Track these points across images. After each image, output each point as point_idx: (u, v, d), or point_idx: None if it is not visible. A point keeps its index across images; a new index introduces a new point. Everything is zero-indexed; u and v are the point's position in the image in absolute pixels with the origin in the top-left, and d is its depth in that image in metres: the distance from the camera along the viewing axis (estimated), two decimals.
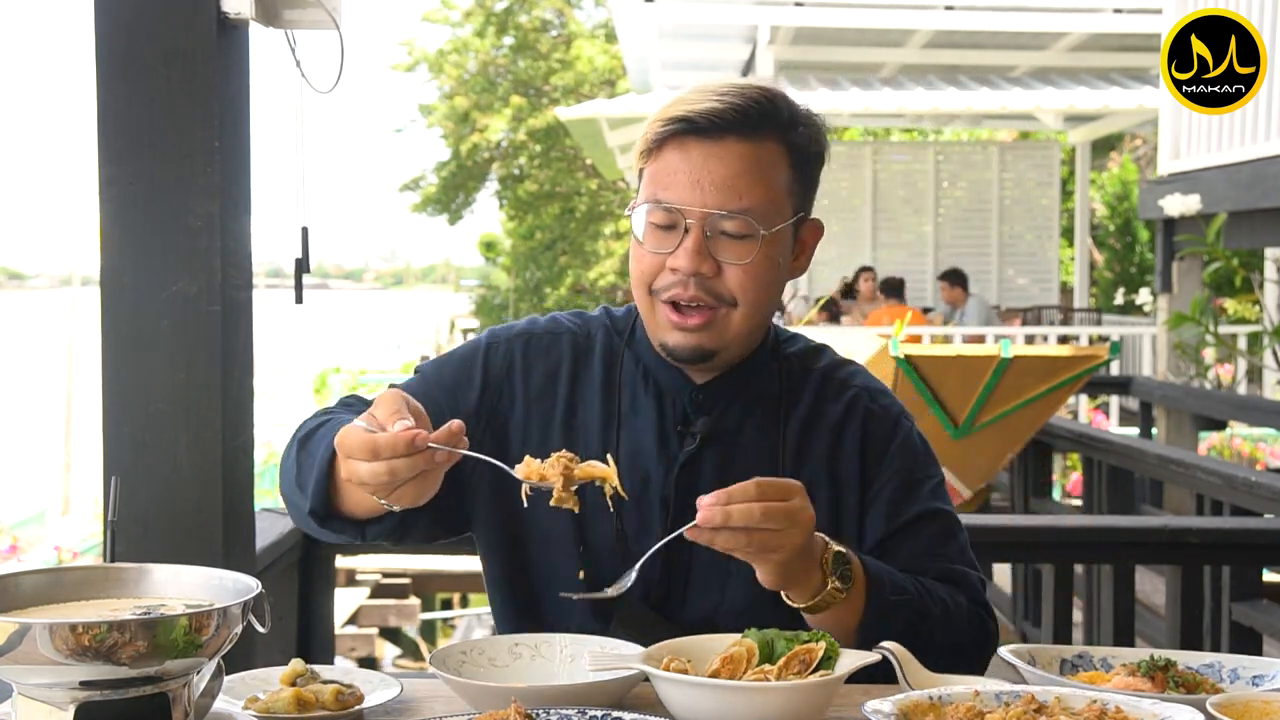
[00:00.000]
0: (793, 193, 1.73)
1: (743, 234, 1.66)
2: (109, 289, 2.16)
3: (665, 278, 1.68)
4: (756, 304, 1.70)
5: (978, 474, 6.16)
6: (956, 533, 1.77)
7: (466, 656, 1.56)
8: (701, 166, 1.65)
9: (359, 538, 1.64)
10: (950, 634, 1.63)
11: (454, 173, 28.01)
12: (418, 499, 1.47)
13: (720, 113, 1.66)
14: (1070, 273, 17.70)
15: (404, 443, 1.38)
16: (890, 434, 1.77)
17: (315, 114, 2.75)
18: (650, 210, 1.68)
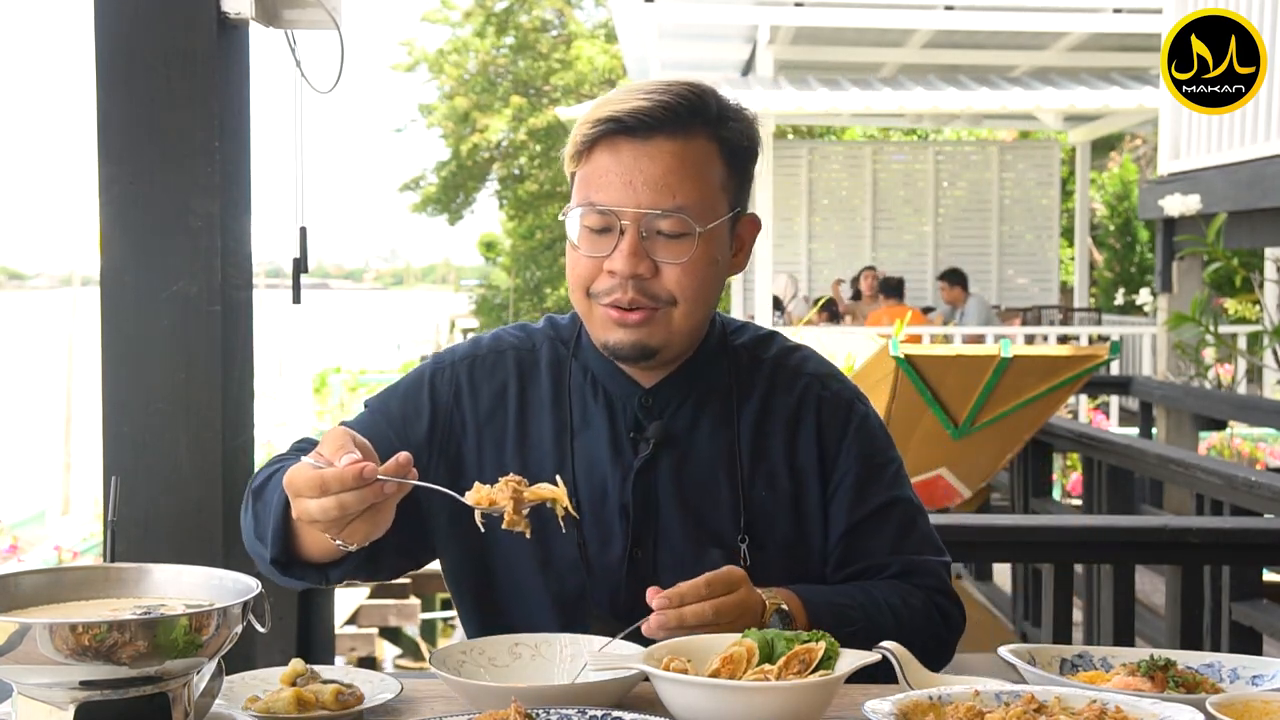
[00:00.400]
0: (727, 189, 1.71)
1: (679, 233, 1.65)
2: (109, 289, 2.16)
3: (603, 281, 1.67)
4: (696, 301, 1.68)
5: (978, 474, 6.16)
6: (918, 519, 1.78)
7: (466, 656, 1.56)
8: (633, 166, 1.64)
9: (323, 582, 1.64)
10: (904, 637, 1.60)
11: (454, 173, 28.00)
12: (370, 535, 1.46)
13: (649, 111, 1.64)
14: (1070, 273, 17.70)
15: (351, 476, 1.37)
16: (845, 420, 1.77)
17: (315, 114, 2.75)
18: (584, 213, 1.67)
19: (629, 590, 1.69)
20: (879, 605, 1.67)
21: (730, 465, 1.72)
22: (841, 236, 15.00)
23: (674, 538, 1.71)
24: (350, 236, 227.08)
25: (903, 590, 1.71)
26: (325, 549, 1.55)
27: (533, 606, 1.71)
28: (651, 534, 1.71)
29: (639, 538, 1.70)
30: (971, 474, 6.09)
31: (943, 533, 2.55)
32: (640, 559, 1.70)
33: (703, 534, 1.70)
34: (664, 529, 1.71)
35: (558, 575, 1.71)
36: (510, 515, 1.46)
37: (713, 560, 1.66)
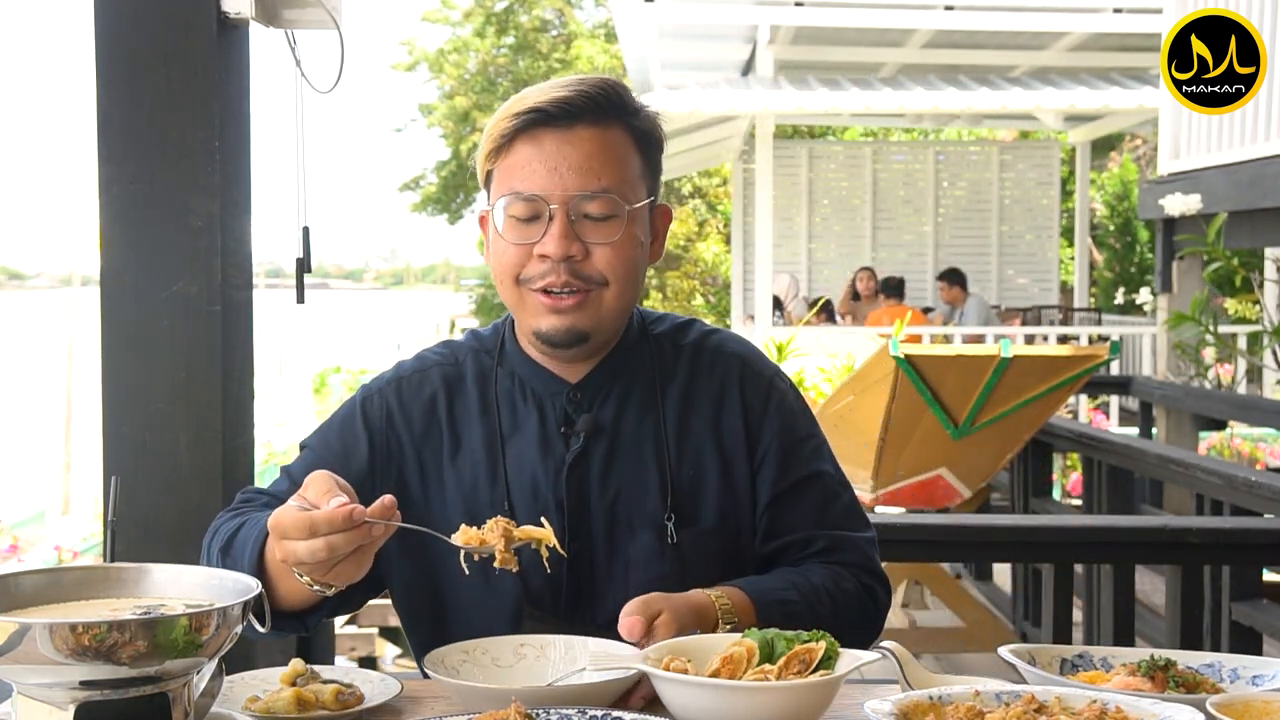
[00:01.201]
0: (644, 176, 1.75)
1: (607, 214, 1.69)
2: (109, 289, 2.16)
3: (534, 266, 1.69)
4: (625, 282, 1.72)
5: (978, 474, 6.16)
6: (839, 493, 1.82)
7: (468, 656, 1.57)
8: (556, 154, 1.68)
9: (301, 630, 1.64)
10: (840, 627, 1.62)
11: (454, 172, 27.99)
12: (354, 576, 1.47)
13: (571, 100, 1.69)
14: (1070, 272, 17.70)
15: (341, 518, 1.38)
16: (767, 395, 1.81)
17: (315, 114, 2.75)
18: (510, 202, 1.69)
19: (570, 585, 1.72)
20: (817, 591, 1.71)
21: (657, 448, 1.75)
22: (841, 236, 15.00)
23: (606, 526, 1.73)
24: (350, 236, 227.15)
25: (835, 573, 1.74)
26: (302, 597, 1.54)
27: (475, 615, 1.73)
28: (586, 526, 1.73)
29: (575, 531, 1.73)
30: (971, 474, 6.09)
31: (943, 533, 2.58)
32: (577, 551, 1.72)
33: (633, 518, 1.73)
34: (596, 519, 1.73)
35: (498, 579, 1.71)
36: (502, 554, 1.49)
37: (644, 543, 1.71)
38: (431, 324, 30.81)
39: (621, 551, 1.72)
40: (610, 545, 1.72)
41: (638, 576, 1.71)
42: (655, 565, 1.71)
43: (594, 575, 1.73)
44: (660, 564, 1.71)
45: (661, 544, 1.71)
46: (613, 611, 1.68)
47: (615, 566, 1.72)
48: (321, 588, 1.48)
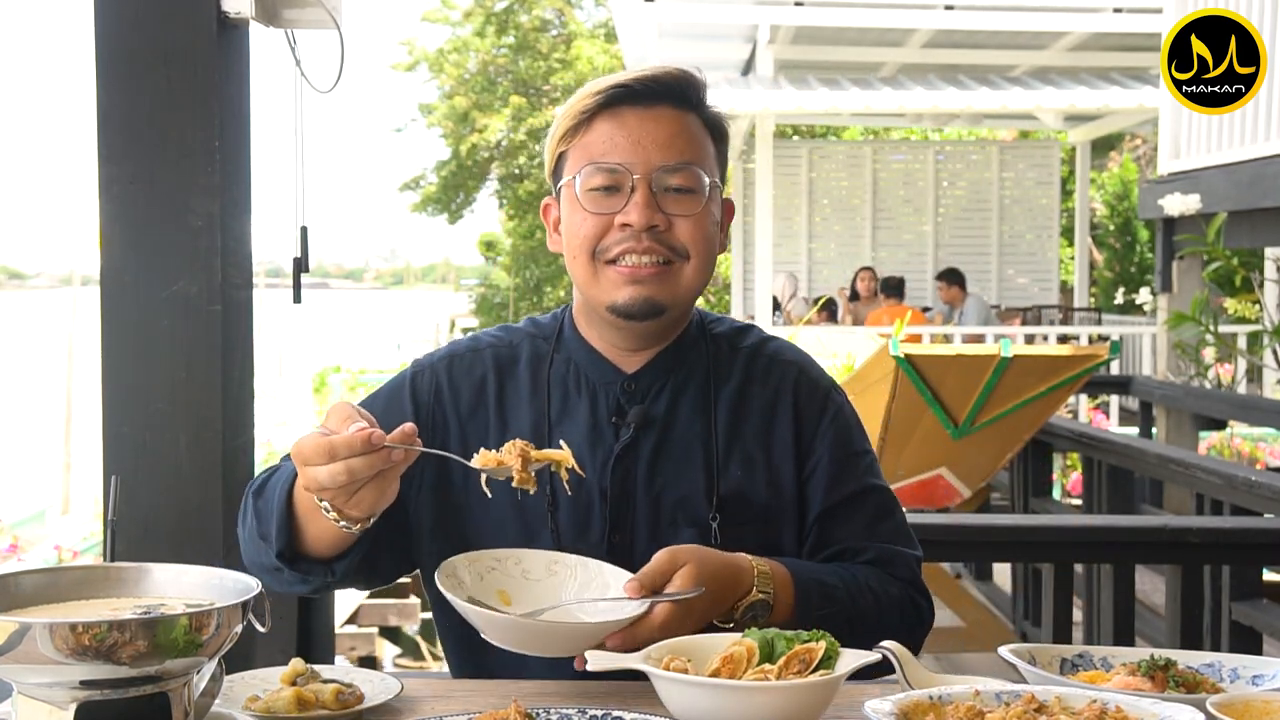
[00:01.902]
0: (717, 164, 1.77)
1: (689, 187, 1.70)
2: (109, 288, 2.16)
3: (613, 235, 1.69)
4: (705, 258, 1.72)
5: (978, 474, 6.16)
6: (893, 510, 1.80)
7: (499, 565, 1.59)
8: (639, 128, 1.70)
9: (328, 576, 1.63)
10: (880, 628, 1.63)
11: (454, 172, 27.99)
12: (375, 505, 1.47)
13: (656, 79, 1.72)
14: (1070, 272, 17.70)
15: (360, 441, 1.40)
16: (822, 407, 1.80)
17: (315, 114, 2.75)
18: (591, 173, 1.69)
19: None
20: (860, 586, 1.69)
21: (706, 447, 1.74)
22: (841, 236, 15.01)
23: (649, 520, 1.72)
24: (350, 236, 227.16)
25: (881, 577, 1.73)
26: (329, 540, 1.55)
27: None
28: (629, 518, 1.72)
29: (617, 521, 1.72)
30: (971, 474, 6.09)
31: (943, 533, 2.58)
32: (618, 543, 1.71)
33: (677, 514, 1.72)
34: (640, 512, 1.72)
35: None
36: (519, 474, 1.49)
37: (685, 539, 1.69)
38: (431, 324, 30.79)
39: (660, 547, 1.67)
40: (652, 540, 1.70)
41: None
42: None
43: (634, 568, 1.68)
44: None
45: (705, 543, 1.68)
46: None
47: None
48: (347, 524, 1.49)
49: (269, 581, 1.65)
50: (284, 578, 1.64)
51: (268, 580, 1.65)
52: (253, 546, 1.66)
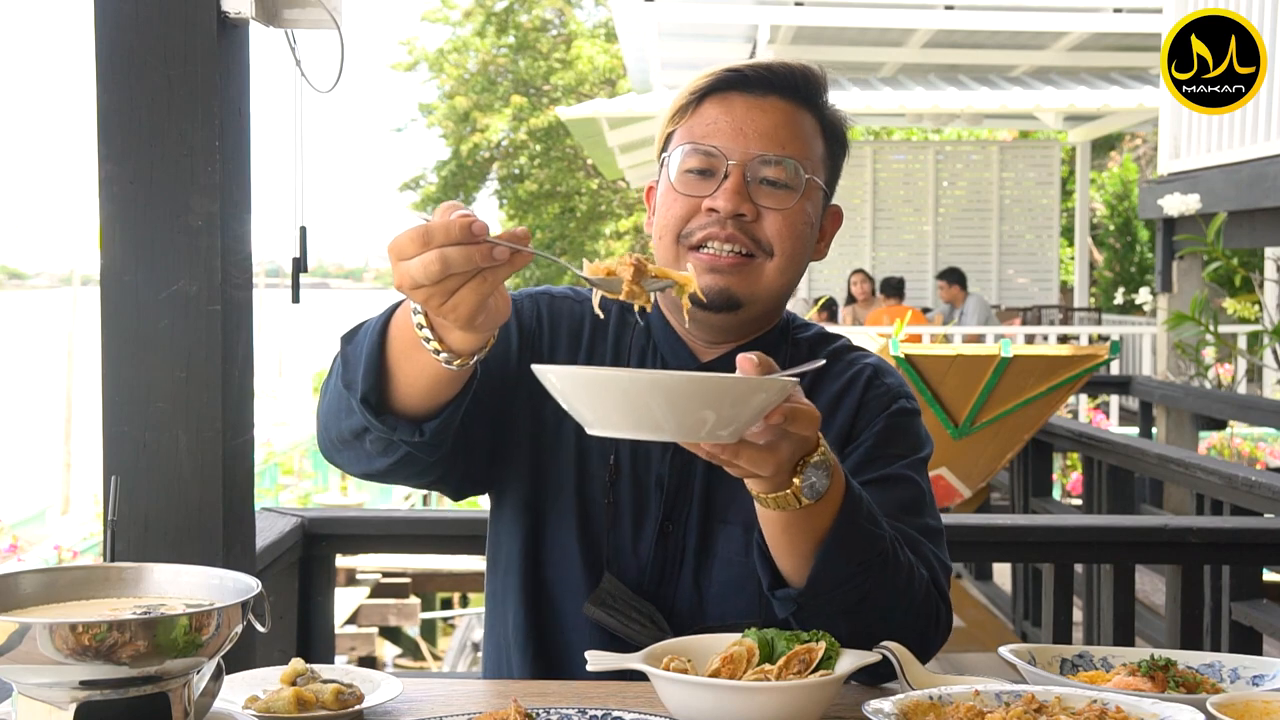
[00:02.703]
0: (825, 167, 1.72)
1: (784, 182, 1.64)
2: (109, 288, 2.16)
3: (699, 220, 1.64)
4: (791, 256, 1.66)
5: (978, 473, 6.16)
6: (927, 511, 1.68)
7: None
8: (744, 116, 1.65)
9: (415, 434, 1.47)
10: (907, 603, 1.54)
11: (454, 172, 28.00)
12: (475, 312, 1.27)
13: (771, 68, 1.68)
14: (1070, 272, 17.71)
15: (459, 228, 1.22)
16: (885, 406, 1.72)
17: (315, 114, 2.75)
18: (688, 153, 1.66)
19: (656, 564, 1.68)
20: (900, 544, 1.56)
21: None
22: (842, 236, 14.69)
23: (701, 514, 1.69)
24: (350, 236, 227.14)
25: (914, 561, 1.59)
26: (424, 384, 1.43)
27: (566, 563, 1.69)
28: (683, 510, 1.69)
29: (670, 511, 1.69)
30: (971, 474, 6.10)
31: None
32: (670, 533, 1.68)
33: (728, 511, 1.68)
34: (694, 505, 1.69)
35: (591, 538, 1.69)
36: (629, 285, 1.33)
37: (732, 537, 1.66)
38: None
39: (711, 542, 1.68)
40: (702, 534, 1.67)
41: (721, 572, 1.66)
42: (740, 564, 1.65)
43: (682, 560, 1.68)
44: (745, 562, 1.64)
45: (749, 542, 1.64)
46: (690, 604, 1.66)
47: (701, 556, 1.68)
48: (448, 357, 1.35)
49: (347, 458, 1.57)
50: (368, 442, 1.51)
51: (346, 456, 1.57)
52: (334, 407, 1.54)
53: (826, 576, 1.46)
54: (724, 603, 1.64)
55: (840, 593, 1.47)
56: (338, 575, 4.64)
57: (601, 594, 1.65)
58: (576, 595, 1.67)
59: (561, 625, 1.69)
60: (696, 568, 1.68)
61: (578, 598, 1.67)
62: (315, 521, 3.01)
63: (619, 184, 25.54)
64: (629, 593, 1.66)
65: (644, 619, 1.62)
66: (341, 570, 9.90)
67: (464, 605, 12.46)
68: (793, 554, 1.47)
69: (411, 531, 3.38)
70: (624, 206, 27.65)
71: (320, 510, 3.19)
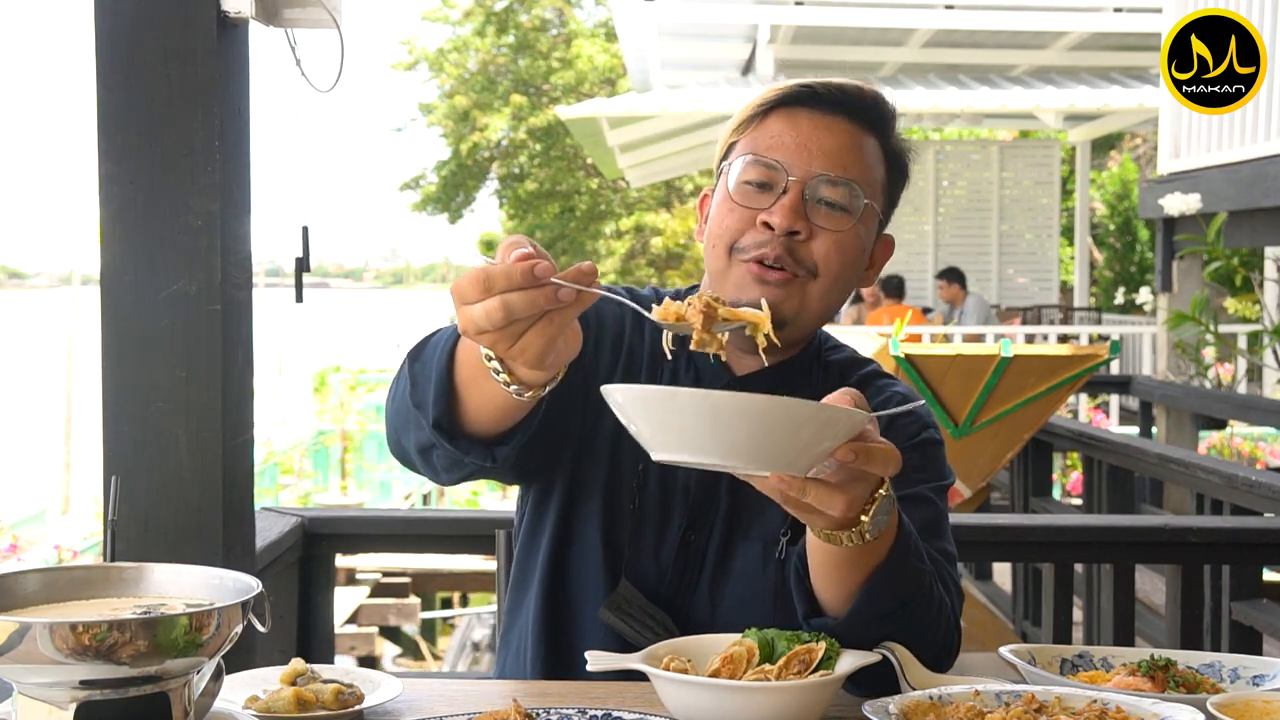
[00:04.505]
0: (884, 195, 1.71)
1: (842, 204, 1.63)
2: (109, 288, 2.16)
3: (752, 235, 1.63)
4: (836, 280, 1.65)
5: (978, 473, 6.16)
6: (946, 537, 1.67)
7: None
8: (810, 134, 1.65)
9: (487, 460, 1.46)
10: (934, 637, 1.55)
11: (454, 172, 28.01)
12: (543, 355, 1.25)
13: (842, 88, 1.67)
14: (1070, 272, 17.70)
15: (520, 273, 1.18)
16: (913, 434, 1.70)
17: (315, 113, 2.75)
18: (749, 164, 1.65)
19: (675, 574, 1.67)
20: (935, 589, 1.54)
21: None
22: None
23: (724, 527, 1.68)
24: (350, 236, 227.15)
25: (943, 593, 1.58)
26: (494, 411, 1.41)
27: (588, 564, 1.69)
28: (707, 522, 1.68)
29: (694, 522, 1.68)
30: (971, 474, 6.09)
31: None
32: (693, 543, 1.67)
33: (750, 526, 1.67)
34: (718, 517, 1.68)
35: (614, 543, 1.68)
36: (700, 334, 1.30)
37: (752, 553, 1.65)
38: (432, 323, 30.80)
39: (731, 555, 1.67)
40: (723, 547, 1.67)
41: (737, 587, 1.65)
42: (757, 580, 1.64)
43: (700, 571, 1.67)
44: (762, 579, 1.64)
45: (767, 559, 1.64)
46: (704, 615, 1.64)
47: (719, 571, 1.67)
48: (518, 389, 1.31)
49: (417, 467, 1.55)
50: (436, 457, 1.49)
51: (416, 465, 1.54)
52: (402, 418, 1.51)
53: (868, 610, 1.45)
54: (737, 616, 1.62)
55: (877, 626, 1.46)
56: (338, 575, 4.64)
57: (617, 599, 1.65)
58: (595, 597, 1.67)
59: (577, 625, 1.69)
60: (714, 580, 1.67)
61: (595, 600, 1.67)
62: (315, 521, 3.01)
63: (619, 183, 25.54)
64: (644, 600, 1.65)
65: (658, 626, 1.61)
66: (341, 570, 9.90)
67: (464, 605, 12.47)
68: (839, 587, 1.46)
69: (411, 531, 3.38)
70: (624, 206, 27.64)
71: (320, 510, 3.19)
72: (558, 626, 1.71)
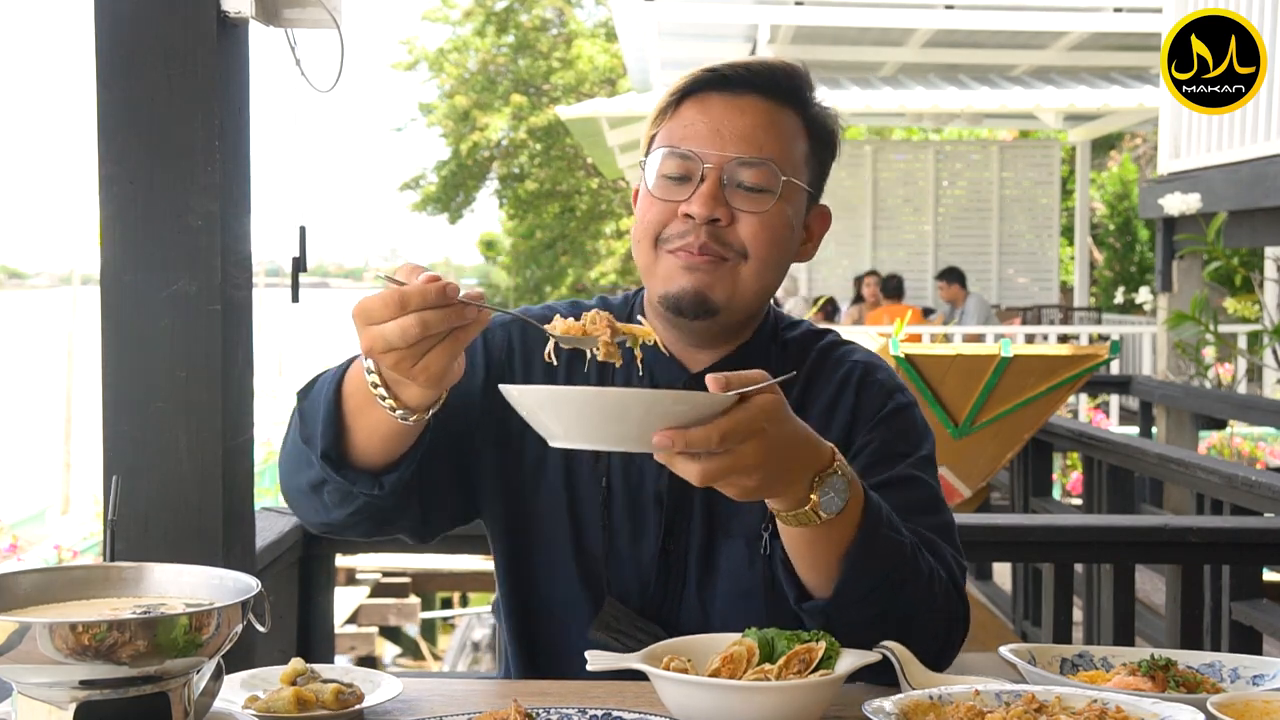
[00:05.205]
0: (808, 167, 1.69)
1: (761, 186, 1.62)
2: (109, 288, 2.16)
3: (675, 226, 1.62)
4: (767, 261, 1.63)
5: (978, 473, 6.16)
6: (939, 510, 1.66)
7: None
8: (722, 116, 1.63)
9: (375, 488, 1.50)
10: (930, 605, 1.54)
11: (454, 172, 28.00)
12: (443, 374, 1.34)
13: (747, 66, 1.65)
14: (1070, 272, 17.70)
15: (435, 291, 1.28)
16: (882, 405, 1.70)
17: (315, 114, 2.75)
18: (665, 157, 1.64)
19: (659, 582, 1.66)
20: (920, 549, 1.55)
21: None
22: (841, 236, 14.99)
23: (703, 528, 1.67)
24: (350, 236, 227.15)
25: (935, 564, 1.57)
26: (381, 439, 1.46)
27: (562, 586, 1.68)
28: (684, 525, 1.67)
29: (671, 529, 1.67)
30: (971, 473, 6.09)
31: None
32: (672, 551, 1.66)
33: (730, 524, 1.66)
34: (695, 520, 1.67)
35: (590, 560, 1.67)
36: (606, 346, 1.40)
37: (736, 551, 1.65)
38: None
39: (714, 557, 1.65)
40: (705, 549, 1.65)
41: (725, 586, 1.64)
42: (744, 577, 1.63)
43: (685, 577, 1.66)
44: (749, 576, 1.62)
45: (753, 555, 1.63)
46: (695, 621, 1.64)
47: (705, 572, 1.66)
48: (404, 413, 1.39)
49: (308, 509, 1.57)
50: (326, 494, 1.53)
51: (307, 508, 1.57)
52: (294, 459, 1.55)
53: (853, 587, 1.46)
54: (730, 616, 1.62)
55: (867, 602, 1.47)
56: (338, 575, 4.64)
57: (605, 618, 1.64)
58: (579, 618, 1.66)
59: (564, 649, 1.67)
60: (700, 583, 1.67)
61: (580, 621, 1.66)
62: None
63: (619, 183, 25.54)
64: (633, 615, 1.65)
65: (650, 639, 1.60)
66: (341, 570, 9.89)
67: (464, 605, 12.47)
68: (817, 567, 1.47)
69: None
70: (624, 206, 27.63)
71: None
72: (549, 651, 1.70)
